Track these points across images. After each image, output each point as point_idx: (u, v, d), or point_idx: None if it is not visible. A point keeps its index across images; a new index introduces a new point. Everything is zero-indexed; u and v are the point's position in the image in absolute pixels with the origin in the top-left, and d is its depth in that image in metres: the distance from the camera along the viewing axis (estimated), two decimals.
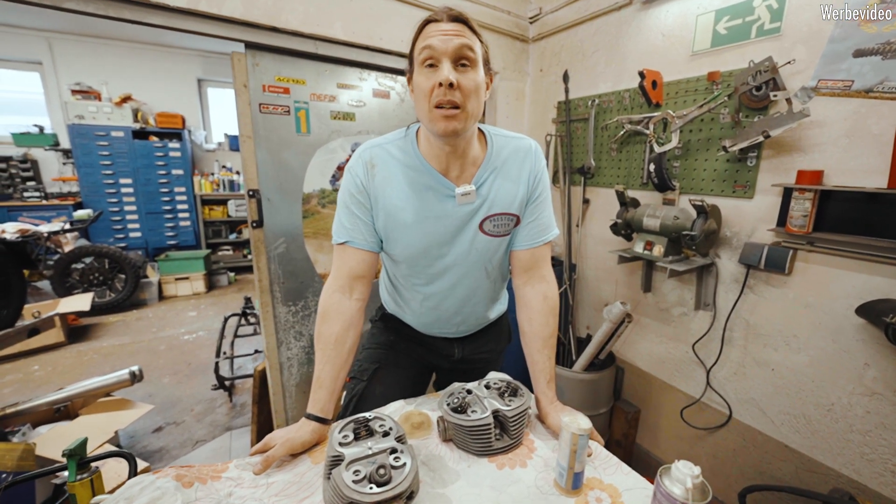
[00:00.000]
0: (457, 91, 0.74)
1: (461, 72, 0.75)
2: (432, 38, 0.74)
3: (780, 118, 1.24)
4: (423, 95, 0.76)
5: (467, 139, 0.83)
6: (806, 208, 1.24)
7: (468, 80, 0.76)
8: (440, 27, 0.75)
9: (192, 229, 4.99)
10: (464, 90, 0.75)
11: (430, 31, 0.76)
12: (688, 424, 1.70)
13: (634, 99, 1.76)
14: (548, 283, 0.95)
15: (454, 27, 0.75)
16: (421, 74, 0.77)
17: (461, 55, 0.75)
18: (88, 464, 1.00)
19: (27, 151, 4.50)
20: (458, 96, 0.75)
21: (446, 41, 0.74)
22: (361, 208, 0.87)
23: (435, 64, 0.75)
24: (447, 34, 0.74)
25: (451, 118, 0.76)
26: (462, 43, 0.74)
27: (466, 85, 0.75)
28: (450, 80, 0.73)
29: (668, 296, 1.75)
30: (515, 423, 0.82)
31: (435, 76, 0.74)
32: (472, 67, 0.77)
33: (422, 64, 0.76)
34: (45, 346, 3.10)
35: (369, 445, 0.71)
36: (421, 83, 0.76)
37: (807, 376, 1.35)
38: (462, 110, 0.76)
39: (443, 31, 0.75)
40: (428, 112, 0.77)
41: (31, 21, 4.14)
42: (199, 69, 5.12)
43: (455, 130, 0.77)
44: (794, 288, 1.36)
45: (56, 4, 1.19)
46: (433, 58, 0.75)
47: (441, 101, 0.74)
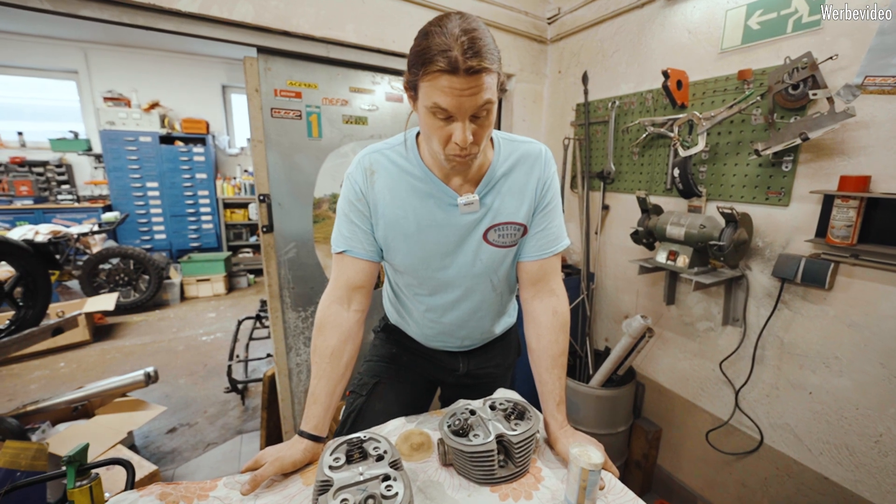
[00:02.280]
0: (473, 144, 0.69)
1: (478, 123, 0.69)
2: (445, 97, 0.64)
3: (820, 119, 1.13)
4: (435, 140, 0.71)
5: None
6: (850, 218, 1.13)
7: (483, 129, 0.70)
8: (455, 84, 0.62)
9: (214, 232, 5.12)
10: (478, 138, 0.70)
11: (443, 86, 0.63)
12: (713, 448, 1.58)
13: (658, 100, 1.67)
14: (558, 297, 0.89)
15: (473, 83, 0.63)
16: (430, 119, 0.68)
17: (479, 110, 0.67)
18: (89, 470, 0.99)
19: (63, 156, 4.72)
20: (474, 147, 0.70)
21: (463, 103, 0.64)
22: (360, 216, 0.83)
23: (449, 116, 0.67)
24: (464, 95, 0.63)
25: (465, 163, 0.73)
26: (481, 103, 0.65)
27: (482, 133, 0.70)
28: (468, 142, 0.68)
29: (693, 309, 1.64)
30: (521, 449, 0.75)
31: (449, 129, 0.68)
32: (490, 112, 0.69)
33: (431, 112, 0.67)
34: (71, 344, 3.21)
35: (361, 471, 0.66)
36: (432, 127, 0.69)
37: (850, 402, 1.23)
38: (476, 153, 0.72)
39: (459, 90, 0.63)
40: (441, 152, 0.72)
41: (69, 32, 4.34)
42: (223, 76, 5.26)
43: (469, 167, 0.75)
44: (835, 305, 1.24)
45: (72, 12, 1.21)
46: (447, 113, 0.66)
47: (458, 154, 0.70)
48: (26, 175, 4.46)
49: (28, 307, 2.10)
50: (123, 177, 4.57)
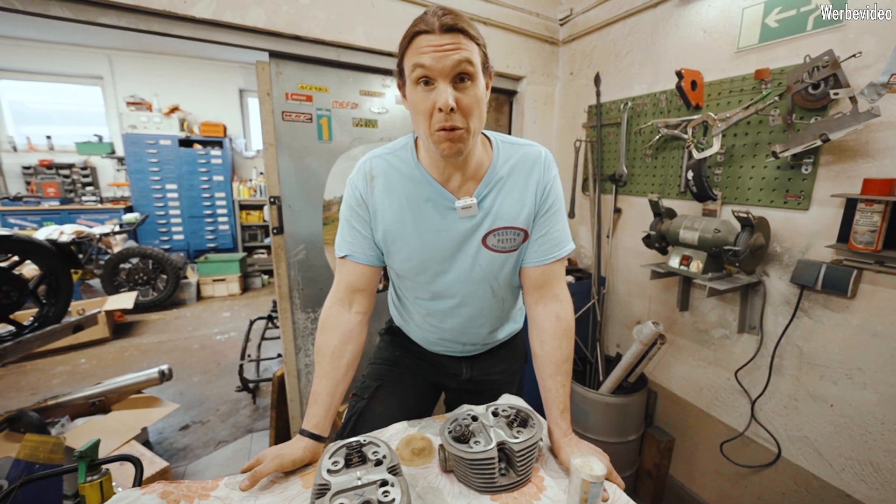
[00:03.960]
0: (457, 113, 0.68)
1: (460, 89, 0.68)
2: (425, 56, 0.66)
3: (842, 119, 1.09)
4: (422, 116, 0.70)
5: (469, 150, 0.77)
6: (874, 222, 1.08)
7: (469, 98, 0.69)
8: (433, 41, 0.65)
9: (230, 233, 5.22)
10: (465, 110, 0.69)
11: (422, 46, 0.66)
12: (728, 460, 1.53)
13: (671, 101, 1.63)
14: (561, 303, 0.87)
15: (450, 40, 0.65)
16: (416, 93, 0.70)
17: (459, 71, 0.67)
18: (100, 466, 1.01)
19: (87, 159, 4.88)
20: (459, 118, 0.69)
21: (442, 59, 0.65)
22: (361, 221, 0.83)
23: (430, 82, 0.68)
24: (442, 50, 0.65)
25: (455, 140, 0.70)
26: (460, 58, 0.66)
27: (468, 104, 0.69)
28: (450, 106, 0.66)
29: (707, 316, 1.60)
30: (523, 457, 0.74)
31: (432, 97, 0.68)
32: (472, 81, 0.69)
33: (415, 82, 0.69)
34: (92, 341, 3.31)
35: (359, 475, 0.66)
36: (417, 103, 0.70)
37: (874, 417, 1.17)
38: (465, 130, 0.70)
39: (436, 46, 0.65)
40: (429, 134, 0.71)
41: (95, 40, 4.50)
42: (240, 80, 5.37)
43: (460, 151, 0.72)
44: (858, 313, 1.18)
45: (92, 20, 1.25)
46: (428, 76, 0.67)
47: (443, 126, 0.69)
48: (53, 177, 4.63)
49: (51, 305, 2.17)
50: (144, 179, 4.70)
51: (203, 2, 1.33)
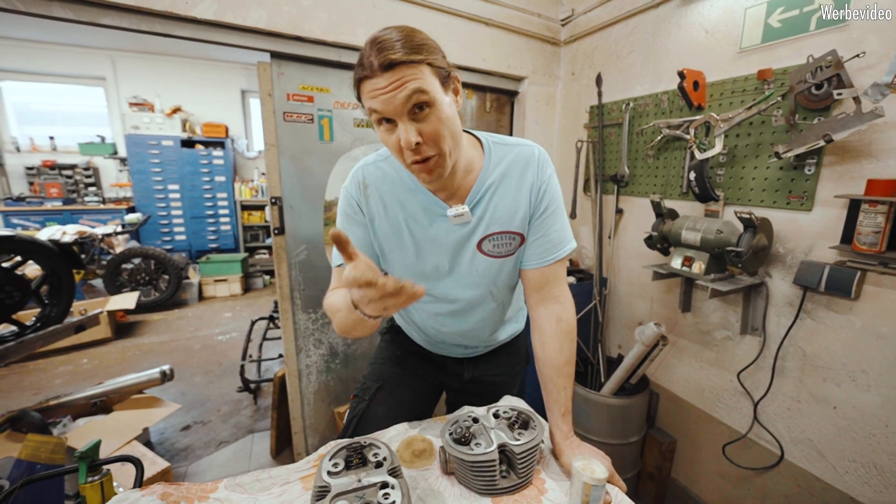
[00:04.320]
0: (424, 145, 0.66)
1: (421, 118, 0.65)
2: (374, 101, 0.64)
3: (845, 119, 1.08)
4: (395, 153, 0.70)
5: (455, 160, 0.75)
6: (878, 224, 1.07)
7: (431, 126, 0.66)
8: (377, 85, 0.62)
9: (232, 233, 5.23)
10: (430, 138, 0.66)
11: (369, 91, 0.64)
12: (731, 462, 1.52)
13: (673, 101, 1.63)
14: (562, 305, 0.86)
15: (392, 78, 0.61)
16: (381, 132, 0.69)
17: (413, 103, 0.63)
18: (100, 466, 1.01)
19: (90, 160, 4.90)
20: (428, 148, 0.67)
21: (390, 101, 0.62)
22: (359, 226, 0.83)
23: (391, 120, 0.66)
24: (387, 91, 0.62)
25: (431, 170, 0.69)
26: (408, 93, 0.62)
27: (430, 131, 0.66)
28: (412, 143, 0.64)
29: (709, 317, 1.59)
30: (524, 460, 0.73)
31: (396, 135, 0.66)
32: (431, 107, 0.65)
33: (378, 123, 0.68)
34: (94, 341, 3.32)
35: (359, 478, 0.65)
36: (385, 140, 0.69)
37: (878, 419, 1.16)
38: (439, 156, 0.69)
39: (381, 89, 0.62)
40: (406, 167, 0.71)
41: (98, 41, 4.52)
42: (242, 81, 5.38)
43: (440, 176, 0.71)
44: (862, 315, 1.18)
45: (94, 21, 1.25)
46: (384, 117, 0.66)
47: (415, 160, 0.68)
48: (56, 178, 4.65)
49: (53, 305, 2.18)
50: (146, 179, 4.72)
51: (204, 2, 1.33)
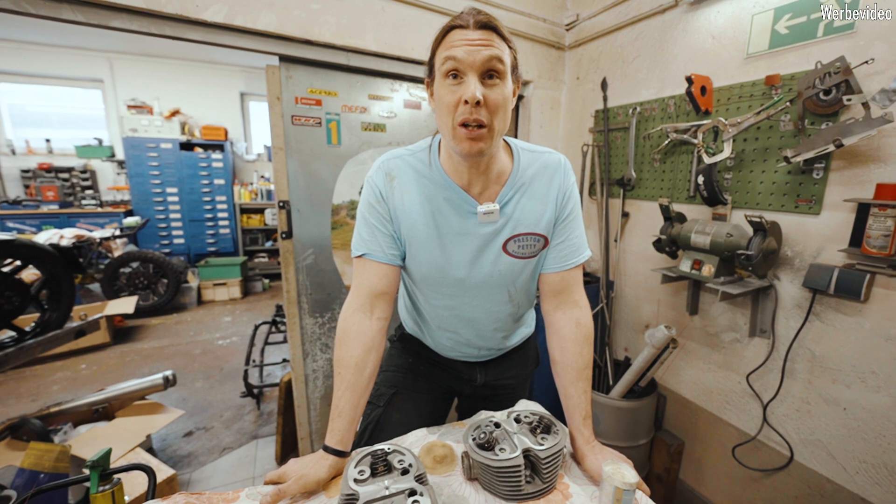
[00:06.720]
0: (483, 108, 0.68)
1: (489, 86, 0.68)
2: (457, 49, 0.67)
3: (854, 125, 1.10)
4: (446, 110, 0.70)
5: (491, 154, 0.77)
6: (888, 227, 1.08)
7: (496, 95, 0.68)
8: (466, 35, 0.67)
9: (231, 237, 5.20)
10: (491, 106, 0.68)
11: (455, 40, 0.68)
12: (740, 463, 1.53)
13: (680, 106, 1.64)
14: (581, 309, 0.86)
15: (482, 35, 0.67)
16: (443, 86, 0.70)
17: (489, 68, 0.67)
18: (111, 475, 1.00)
19: (87, 162, 4.86)
20: (484, 114, 0.68)
21: (473, 52, 0.66)
22: (380, 219, 0.82)
23: (459, 76, 0.68)
24: (474, 44, 0.66)
25: (476, 139, 0.69)
26: (491, 55, 0.67)
27: (494, 100, 0.68)
28: (477, 98, 0.66)
29: (717, 319, 1.60)
30: (549, 465, 0.73)
31: (460, 90, 0.68)
32: (501, 80, 0.69)
33: (445, 75, 0.69)
34: (92, 346, 3.28)
35: (386, 485, 0.65)
36: (444, 96, 0.70)
37: (889, 420, 1.17)
38: (488, 129, 0.69)
39: (469, 40, 0.67)
40: (451, 130, 0.70)
41: (96, 43, 4.49)
42: (241, 83, 5.37)
43: (481, 151, 0.71)
44: (871, 317, 1.19)
45: (104, 23, 1.24)
46: (458, 70, 0.68)
47: (466, 120, 0.68)
48: (52, 181, 4.60)
49: (52, 310, 2.15)
50: (144, 182, 4.68)
51: (215, 6, 1.33)
